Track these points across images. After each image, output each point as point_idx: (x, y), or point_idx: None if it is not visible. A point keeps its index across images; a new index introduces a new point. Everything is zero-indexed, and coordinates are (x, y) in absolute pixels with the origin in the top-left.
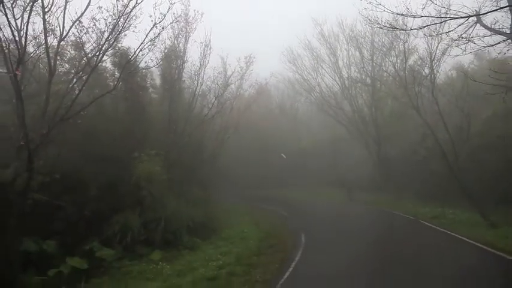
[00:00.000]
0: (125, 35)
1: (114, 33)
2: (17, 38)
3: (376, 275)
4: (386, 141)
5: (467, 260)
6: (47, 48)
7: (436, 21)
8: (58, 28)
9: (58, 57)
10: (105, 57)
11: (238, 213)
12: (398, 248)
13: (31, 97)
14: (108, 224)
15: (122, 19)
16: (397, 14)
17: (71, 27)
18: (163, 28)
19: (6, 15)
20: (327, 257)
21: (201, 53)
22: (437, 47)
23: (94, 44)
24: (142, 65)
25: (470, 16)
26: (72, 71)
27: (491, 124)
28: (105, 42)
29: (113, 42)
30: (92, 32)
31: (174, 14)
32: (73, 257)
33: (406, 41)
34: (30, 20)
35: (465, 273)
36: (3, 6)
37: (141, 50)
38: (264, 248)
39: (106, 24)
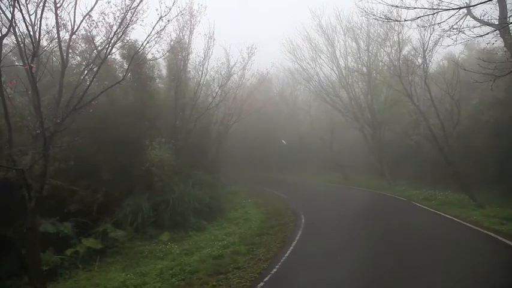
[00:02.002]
0: (133, 28)
1: (122, 26)
2: (31, 33)
3: (371, 251)
4: (381, 127)
5: (452, 235)
6: (59, 42)
7: (428, 13)
8: (69, 23)
9: (70, 51)
10: (114, 50)
11: (241, 196)
12: (389, 225)
13: (46, 88)
14: (119, 206)
15: (129, 13)
16: (392, 5)
17: (81, 21)
18: (168, 21)
19: (21, 11)
20: (324, 235)
21: (205, 44)
22: (429, 38)
23: (103, 37)
24: (149, 56)
25: (461, 8)
26: (84, 63)
27: (479, 110)
28: (114, 36)
29: (121, 35)
30: (102, 26)
31: (179, 7)
32: (88, 238)
33: (400, 32)
34: (43, 15)
35: (450, 247)
36: (18, 3)
37: (148, 42)
38: (266, 228)
39: (114, 18)
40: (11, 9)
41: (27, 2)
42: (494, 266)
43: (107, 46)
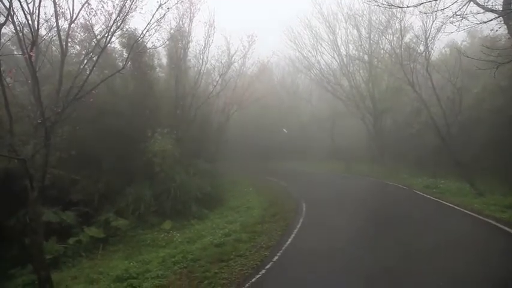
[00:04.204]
0: (132, 16)
1: (121, 14)
2: (29, 22)
3: (373, 240)
4: (382, 115)
5: (453, 223)
6: (58, 30)
7: None
8: (68, 11)
9: (69, 40)
10: (113, 39)
11: (242, 185)
12: (390, 214)
13: (46, 78)
14: (121, 196)
15: (128, 0)
16: None
17: (80, 9)
18: (168, 9)
19: None
20: (325, 224)
21: (205, 32)
22: (432, 25)
23: (103, 26)
24: (149, 45)
25: None
26: (83, 53)
27: (481, 98)
28: (113, 24)
29: (121, 24)
30: (101, 14)
31: None
32: (90, 227)
33: (402, 19)
34: (41, 3)
35: (450, 235)
36: None
37: (147, 31)
38: (268, 216)
39: (114, 6)
40: None
41: None
42: (495, 253)
43: (106, 35)
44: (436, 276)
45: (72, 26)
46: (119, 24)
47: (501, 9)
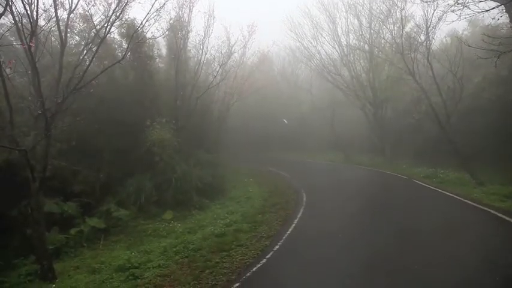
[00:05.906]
0: (131, 6)
1: (120, 4)
2: (28, 12)
3: (372, 231)
4: (383, 105)
5: (453, 212)
6: (57, 21)
7: None
8: (67, 1)
9: (68, 30)
10: (113, 29)
11: (243, 175)
12: (390, 204)
13: (45, 69)
14: (122, 186)
15: None
16: None
17: (79, 0)
18: None
19: None
20: (325, 213)
21: (205, 22)
22: (433, 14)
23: (102, 16)
24: (148, 35)
25: None
26: (83, 43)
27: (481, 88)
28: (112, 14)
29: (120, 14)
30: (99, 4)
31: None
32: (92, 217)
33: (403, 9)
34: None
35: (450, 224)
36: None
37: (147, 21)
38: (268, 206)
39: None
40: None
41: None
42: (494, 241)
43: (105, 25)
44: (435, 260)
45: (71, 16)
46: (118, 14)
47: None
